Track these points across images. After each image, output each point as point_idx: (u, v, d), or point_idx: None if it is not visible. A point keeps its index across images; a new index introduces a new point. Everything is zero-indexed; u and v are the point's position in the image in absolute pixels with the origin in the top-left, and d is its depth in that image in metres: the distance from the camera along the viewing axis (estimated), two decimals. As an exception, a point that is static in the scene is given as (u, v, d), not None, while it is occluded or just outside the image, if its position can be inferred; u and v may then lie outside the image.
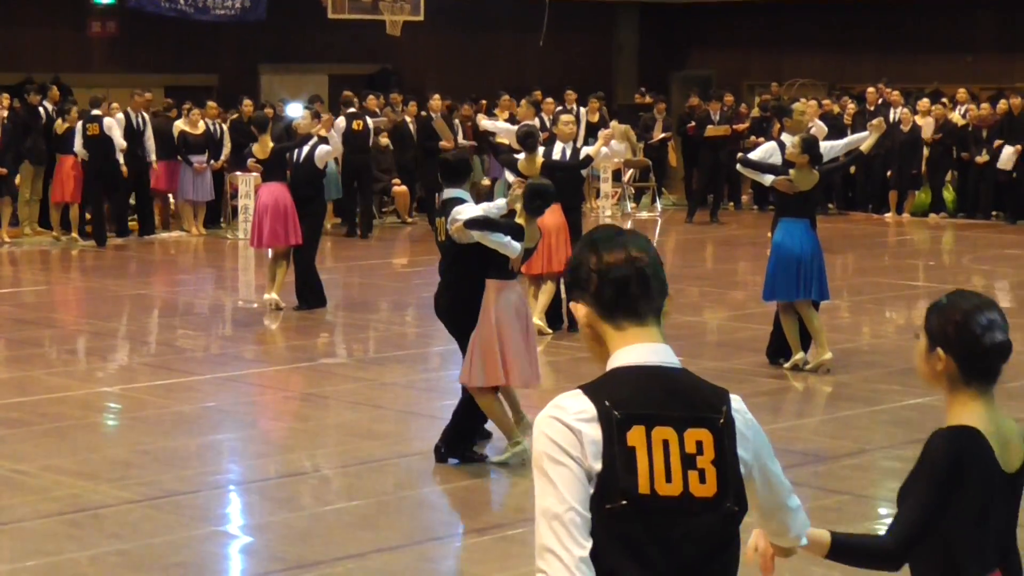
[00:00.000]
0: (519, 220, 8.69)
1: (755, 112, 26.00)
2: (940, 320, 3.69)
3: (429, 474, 9.08)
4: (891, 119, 24.34)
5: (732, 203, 25.91)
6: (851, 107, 25.33)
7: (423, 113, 23.50)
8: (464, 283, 8.94)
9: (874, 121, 12.19)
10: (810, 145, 11.55)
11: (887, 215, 24.45)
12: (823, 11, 30.71)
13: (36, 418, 10.33)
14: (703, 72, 32.28)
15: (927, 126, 23.82)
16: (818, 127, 20.47)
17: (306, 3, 26.35)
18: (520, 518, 8.19)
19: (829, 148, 12.20)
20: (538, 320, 12.80)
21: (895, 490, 3.82)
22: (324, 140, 15.14)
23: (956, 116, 24.27)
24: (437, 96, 23.47)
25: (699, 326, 14.22)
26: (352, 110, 22.49)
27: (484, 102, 25.79)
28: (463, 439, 9.19)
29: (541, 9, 30.03)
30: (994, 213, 23.69)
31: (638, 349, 2.94)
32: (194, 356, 12.89)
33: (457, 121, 23.88)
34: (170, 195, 22.58)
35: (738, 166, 12.32)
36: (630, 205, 25.83)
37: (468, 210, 8.81)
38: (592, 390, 2.89)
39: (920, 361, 3.72)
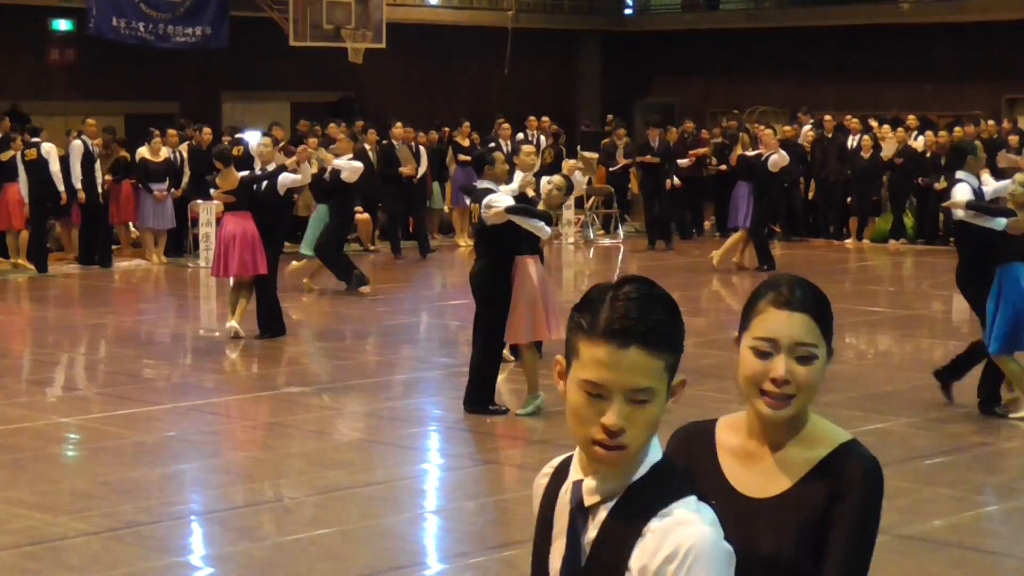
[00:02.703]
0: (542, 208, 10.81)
1: (717, 139, 26.12)
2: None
3: (393, 503, 9.05)
4: (850, 146, 24.53)
5: (694, 230, 26.00)
6: (810, 134, 25.50)
7: (384, 141, 23.50)
8: (493, 258, 10.74)
9: None
10: None
11: (847, 241, 24.57)
12: (785, 39, 30.92)
13: (-4, 449, 10.25)
14: (666, 100, 32.43)
15: (888, 150, 23.99)
16: (781, 155, 20.61)
17: (268, 31, 26.35)
18: (484, 547, 8.17)
19: None
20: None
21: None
22: (284, 168, 15.11)
23: (916, 143, 24.44)
24: (399, 124, 23.48)
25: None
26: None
27: (447, 129, 25.83)
28: (484, 391, 10.83)
29: (504, 37, 30.15)
30: (952, 239, 23.81)
31: None
32: (155, 385, 12.82)
33: (422, 148, 23.90)
34: (131, 223, 22.51)
35: (960, 213, 11.10)
36: (593, 232, 25.88)
37: (503, 199, 10.69)
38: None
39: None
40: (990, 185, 11.93)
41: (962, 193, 11.04)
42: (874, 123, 25.41)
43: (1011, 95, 28.92)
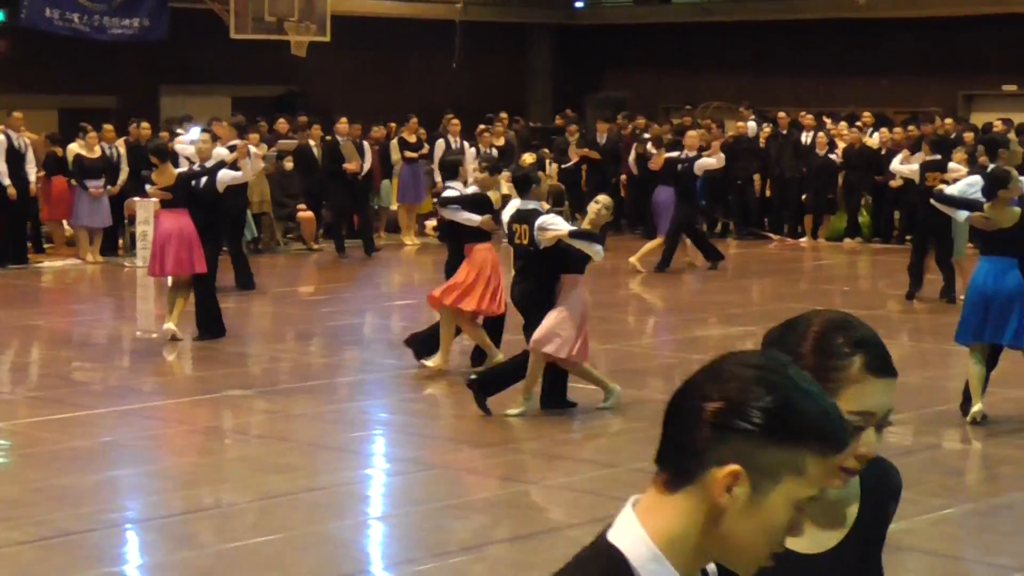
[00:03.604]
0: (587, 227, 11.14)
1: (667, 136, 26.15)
2: None
3: (338, 509, 9.02)
4: (804, 143, 24.65)
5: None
6: (767, 129, 25.63)
7: (328, 137, 23.45)
8: (541, 279, 11.16)
9: None
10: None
11: (802, 240, 24.70)
12: (738, 33, 31.06)
13: (-76, 455, 10.14)
14: (618, 94, 32.49)
15: (840, 147, 24.14)
16: (718, 158, 20.62)
17: (208, 23, 26.22)
18: (431, 554, 8.16)
19: None
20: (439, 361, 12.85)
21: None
22: (224, 164, 15.05)
23: (871, 141, 24.58)
24: (344, 120, 23.43)
25: (619, 352, 14.26)
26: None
27: (394, 125, 25.78)
28: (498, 386, 11.16)
29: (453, 30, 30.13)
30: (908, 238, 23.99)
31: None
32: (90, 389, 12.72)
33: (366, 144, 23.84)
34: (64, 221, 22.34)
35: (932, 200, 11.93)
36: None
37: (560, 222, 11.21)
38: None
39: None
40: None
41: (949, 187, 11.33)
42: (828, 120, 25.56)
43: (968, 91, 29.16)
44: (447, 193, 12.98)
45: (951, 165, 17.74)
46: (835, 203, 24.58)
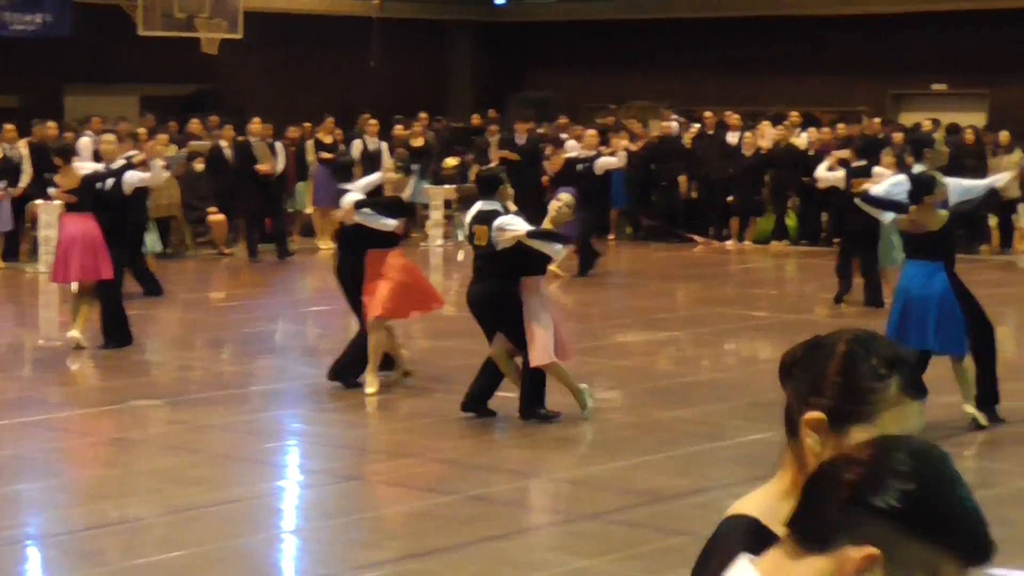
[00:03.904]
0: (548, 226, 11.30)
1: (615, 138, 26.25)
2: None
3: (250, 522, 8.97)
4: (731, 143, 24.82)
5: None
6: (694, 128, 25.79)
7: (241, 138, 23.32)
8: (502, 279, 11.18)
9: (1013, 159, 11.99)
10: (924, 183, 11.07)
11: (728, 243, 24.86)
12: (665, 31, 31.22)
13: None
14: (541, 93, 32.57)
15: (765, 144, 24.30)
16: (620, 156, 20.63)
17: (115, 19, 26.00)
18: (346, 568, 8.13)
19: (968, 188, 11.92)
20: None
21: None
22: (131, 165, 14.92)
23: (799, 140, 24.79)
24: (257, 120, 23.32)
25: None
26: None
27: (309, 125, 25.69)
28: (535, 401, 11.22)
29: (370, 27, 30.06)
30: (836, 240, 24.20)
31: None
32: (-9, 399, 12.57)
33: (279, 145, 23.74)
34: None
35: (857, 201, 11.95)
36: (460, 234, 25.88)
37: (518, 223, 11.23)
38: None
39: None
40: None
41: (875, 187, 11.40)
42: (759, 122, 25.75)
43: (897, 90, 29.48)
44: (350, 196, 12.66)
45: (876, 170, 17.94)
46: (762, 205, 24.77)
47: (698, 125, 26.04)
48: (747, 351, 15.60)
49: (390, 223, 12.34)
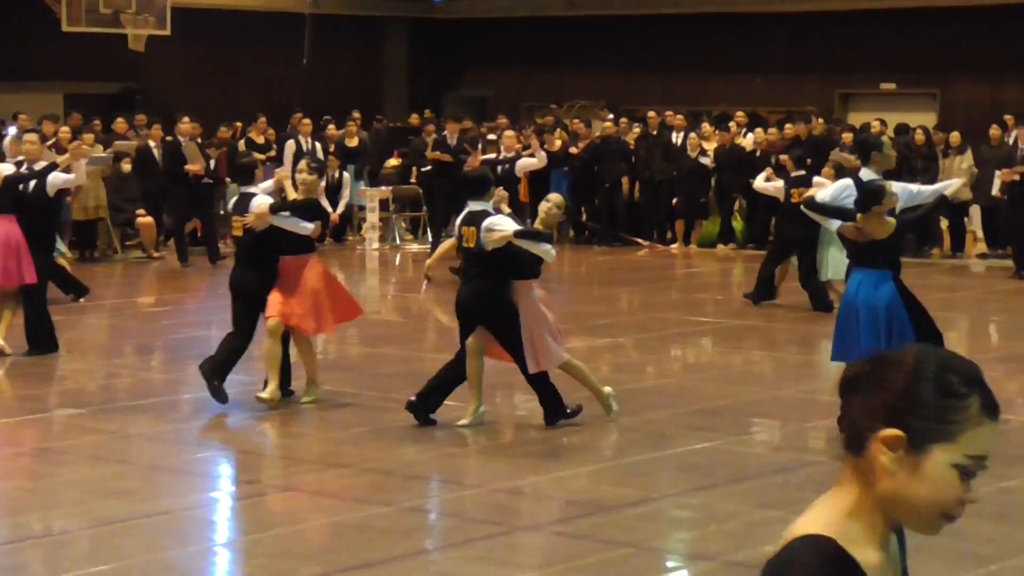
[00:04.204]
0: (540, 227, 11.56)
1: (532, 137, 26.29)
2: None
3: (180, 535, 8.94)
4: (675, 143, 24.94)
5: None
6: (636, 130, 25.88)
7: (169, 137, 23.23)
8: (492, 281, 11.25)
9: (964, 165, 11.98)
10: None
11: (673, 246, 24.96)
12: (607, 28, 31.31)
13: None
14: (479, 92, 32.60)
15: (709, 148, 24.43)
16: (540, 157, 20.63)
17: (36, 13, 25.81)
18: (279, 582, 8.12)
19: (916, 193, 11.96)
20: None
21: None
22: (55, 165, 14.82)
23: (745, 141, 24.93)
24: (187, 119, 23.25)
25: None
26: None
27: (240, 124, 25.62)
28: (558, 403, 11.37)
29: (303, 24, 29.99)
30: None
31: None
32: (-91, 409, 12.47)
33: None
34: None
35: (803, 207, 11.96)
36: (399, 237, 25.88)
37: (506, 223, 11.29)
38: None
39: None
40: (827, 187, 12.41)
41: (820, 190, 11.44)
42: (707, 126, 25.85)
43: (845, 90, 29.70)
44: (261, 199, 12.17)
45: (817, 180, 18.11)
46: (707, 207, 24.89)
47: (637, 126, 26.12)
48: (692, 357, 15.68)
49: (308, 226, 12.07)
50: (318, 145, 24.87)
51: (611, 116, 26.71)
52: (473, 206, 11.59)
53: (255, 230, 12.11)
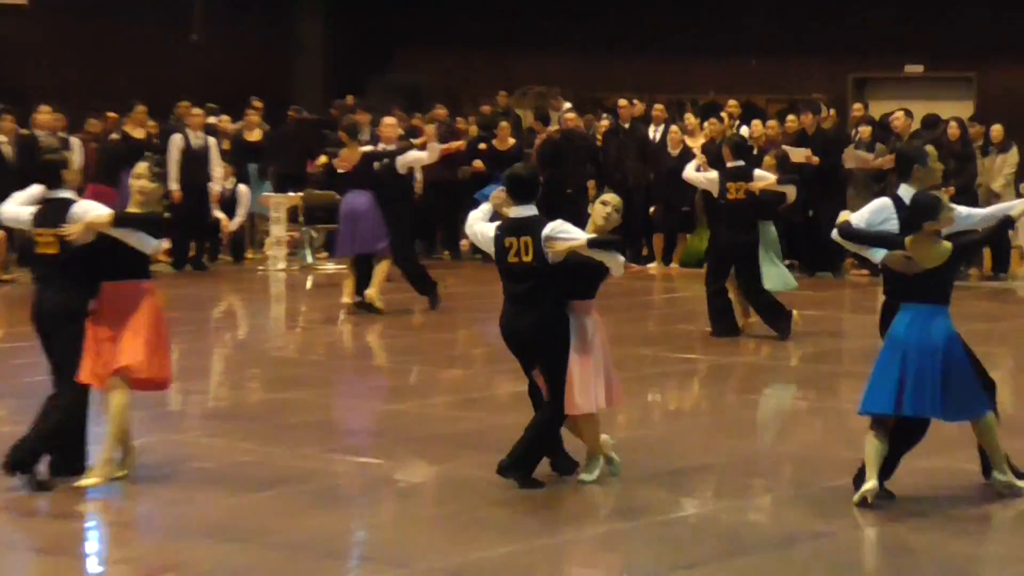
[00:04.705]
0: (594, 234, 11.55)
1: (472, 129, 26.25)
2: None
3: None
4: (653, 140, 24.91)
5: (448, 252, 26.08)
6: (604, 122, 25.83)
7: (25, 130, 23.09)
8: (549, 305, 11.43)
9: (1008, 165, 11.81)
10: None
11: (651, 266, 24.91)
12: (567, 2, 31.29)
13: None
14: (412, 77, 32.53)
15: (695, 144, 24.41)
16: (431, 149, 20.42)
17: None
18: None
19: (966, 216, 11.76)
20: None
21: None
22: None
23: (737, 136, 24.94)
24: (47, 108, 23.08)
25: (406, 415, 14.17)
26: None
27: (114, 115, 25.48)
28: (531, 463, 11.38)
29: (191, -8, 29.89)
30: (787, 262, 24.34)
31: None
32: None
33: (76, 140, 23.52)
34: None
35: (835, 235, 11.62)
36: (312, 255, 25.72)
37: (574, 230, 11.48)
38: None
39: None
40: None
41: (849, 215, 11.29)
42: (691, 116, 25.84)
43: (860, 73, 29.75)
44: (88, 206, 11.50)
45: (758, 173, 18.13)
46: (692, 218, 24.83)
47: (607, 118, 26.05)
48: (674, 403, 15.59)
49: (152, 243, 11.47)
50: (212, 141, 24.72)
51: (568, 105, 26.66)
52: (519, 211, 11.57)
53: (74, 244, 11.57)
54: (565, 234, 11.38)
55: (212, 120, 25.69)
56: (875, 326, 11.30)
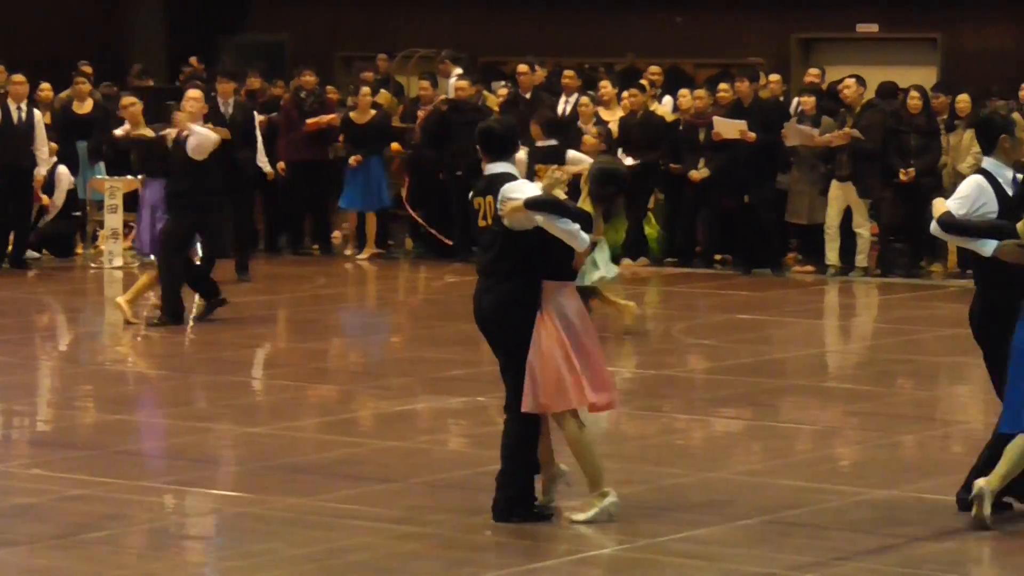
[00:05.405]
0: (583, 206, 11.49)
1: (350, 99, 26.21)
2: None
3: None
4: (561, 112, 24.96)
5: (317, 246, 26.06)
6: (501, 91, 25.86)
7: None
8: (515, 281, 11.34)
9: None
10: None
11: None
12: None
13: None
14: (270, 37, 32.50)
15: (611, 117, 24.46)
16: (204, 137, 20.13)
17: None
18: None
19: None
20: None
21: None
22: None
23: (662, 108, 24.99)
24: None
25: (268, 440, 14.14)
26: None
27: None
28: (523, 491, 11.39)
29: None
30: (718, 257, 24.40)
31: None
32: None
33: None
34: None
35: (934, 228, 11.52)
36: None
37: (527, 188, 11.41)
38: None
39: None
40: None
41: (945, 203, 11.24)
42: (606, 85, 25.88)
43: (806, 33, 29.90)
44: None
45: (571, 155, 18.30)
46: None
47: (505, 85, 26.07)
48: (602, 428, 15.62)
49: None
50: (37, 115, 24.53)
51: (459, 71, 26.65)
52: (493, 167, 11.60)
53: None
54: (516, 193, 11.30)
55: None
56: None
